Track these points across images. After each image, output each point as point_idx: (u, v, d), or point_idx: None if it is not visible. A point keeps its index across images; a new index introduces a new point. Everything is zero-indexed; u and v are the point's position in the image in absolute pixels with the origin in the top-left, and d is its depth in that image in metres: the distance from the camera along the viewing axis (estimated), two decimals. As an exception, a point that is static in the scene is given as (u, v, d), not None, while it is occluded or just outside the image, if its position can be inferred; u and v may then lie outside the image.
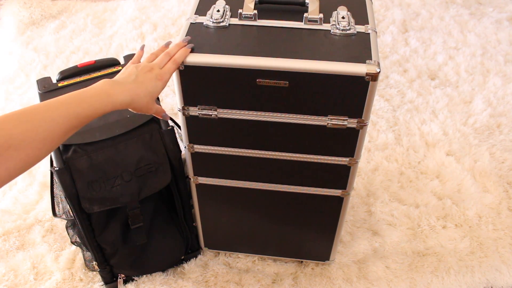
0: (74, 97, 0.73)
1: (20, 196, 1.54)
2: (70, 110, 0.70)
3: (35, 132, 0.66)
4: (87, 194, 1.02)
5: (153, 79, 0.84)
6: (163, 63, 0.87)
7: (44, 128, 0.67)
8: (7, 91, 1.95)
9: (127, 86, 0.80)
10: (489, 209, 1.48)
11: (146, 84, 0.82)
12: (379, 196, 1.52)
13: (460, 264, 1.34)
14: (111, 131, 1.05)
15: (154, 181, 1.08)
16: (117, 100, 0.77)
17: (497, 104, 1.83)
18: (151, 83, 0.83)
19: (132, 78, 0.82)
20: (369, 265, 1.34)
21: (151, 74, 0.84)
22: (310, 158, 1.03)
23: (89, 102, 0.73)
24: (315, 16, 0.95)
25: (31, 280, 1.31)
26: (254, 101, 0.94)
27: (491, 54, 2.07)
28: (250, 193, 1.14)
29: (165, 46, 0.92)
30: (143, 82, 0.82)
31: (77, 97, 0.73)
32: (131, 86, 0.80)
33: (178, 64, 0.88)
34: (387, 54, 2.09)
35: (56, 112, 0.69)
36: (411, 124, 1.75)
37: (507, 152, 1.65)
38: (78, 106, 0.72)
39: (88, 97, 0.74)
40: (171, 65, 0.87)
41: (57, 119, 0.68)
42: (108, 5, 2.43)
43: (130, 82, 0.81)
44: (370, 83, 0.86)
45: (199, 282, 1.31)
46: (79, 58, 2.11)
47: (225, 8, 0.98)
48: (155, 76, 0.84)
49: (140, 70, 0.83)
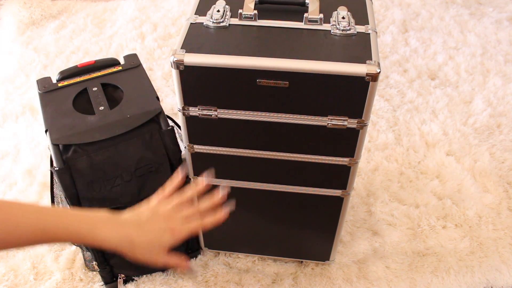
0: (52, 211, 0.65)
1: (20, 196, 1.54)
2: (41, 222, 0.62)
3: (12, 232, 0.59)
4: (87, 194, 1.02)
5: (162, 231, 0.70)
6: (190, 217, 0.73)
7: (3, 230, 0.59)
8: (7, 91, 1.95)
9: (125, 227, 0.68)
10: (489, 209, 1.48)
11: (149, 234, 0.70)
12: (379, 196, 1.52)
13: (460, 264, 1.34)
14: (111, 131, 1.05)
15: (154, 181, 1.07)
16: (99, 235, 0.66)
17: (497, 104, 1.83)
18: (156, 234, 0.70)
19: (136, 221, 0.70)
20: (369, 265, 1.34)
21: (164, 225, 0.71)
22: (310, 158, 1.03)
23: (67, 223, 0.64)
24: (315, 16, 0.95)
25: (31, 280, 1.31)
26: (254, 101, 0.94)
27: (491, 54, 2.07)
28: (250, 193, 1.14)
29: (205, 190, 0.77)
30: (148, 230, 0.70)
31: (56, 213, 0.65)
32: (128, 229, 0.68)
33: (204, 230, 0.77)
34: (387, 54, 2.08)
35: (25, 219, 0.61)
36: (411, 124, 1.75)
37: (507, 152, 1.65)
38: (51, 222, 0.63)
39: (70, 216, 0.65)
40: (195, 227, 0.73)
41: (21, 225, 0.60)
42: (108, 5, 2.43)
43: (129, 224, 0.69)
44: (370, 83, 0.86)
45: (199, 282, 1.31)
46: (79, 58, 2.11)
47: (225, 8, 0.98)
48: (168, 228, 0.71)
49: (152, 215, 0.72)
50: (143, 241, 0.69)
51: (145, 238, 0.69)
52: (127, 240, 0.68)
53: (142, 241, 0.69)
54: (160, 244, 0.70)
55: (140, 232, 0.69)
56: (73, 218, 0.65)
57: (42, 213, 0.63)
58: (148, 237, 0.69)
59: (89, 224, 0.66)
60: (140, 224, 0.70)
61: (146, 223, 0.70)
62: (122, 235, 0.68)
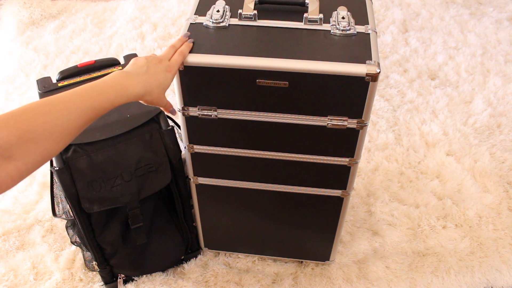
0: (90, 90, 0.72)
1: (20, 196, 1.54)
2: (87, 103, 0.70)
3: (54, 125, 0.65)
4: (87, 194, 1.02)
5: (163, 71, 0.83)
6: (170, 55, 0.87)
7: (62, 121, 0.67)
8: (7, 91, 1.95)
9: (141, 77, 0.80)
10: (489, 209, 1.48)
11: (157, 75, 0.82)
12: (379, 196, 1.52)
13: (460, 264, 1.34)
14: (111, 131, 1.05)
15: (154, 181, 1.07)
16: (132, 92, 0.78)
17: (497, 104, 1.83)
18: (161, 75, 0.83)
19: (144, 69, 0.81)
20: (369, 265, 1.34)
21: (161, 66, 0.84)
22: (310, 158, 1.03)
23: (105, 95, 0.73)
24: (315, 16, 0.95)
25: (31, 280, 1.31)
26: (254, 101, 0.94)
27: (491, 54, 2.07)
28: (250, 193, 1.14)
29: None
30: (154, 73, 0.82)
31: (93, 90, 0.73)
32: (144, 77, 0.80)
33: (185, 56, 0.88)
34: (387, 54, 2.08)
35: (74, 105, 0.69)
36: (411, 124, 1.75)
37: (507, 152, 1.65)
38: (95, 98, 0.72)
39: (104, 89, 0.74)
40: (178, 56, 0.87)
41: (75, 111, 0.68)
42: (108, 5, 2.43)
43: (143, 73, 0.81)
44: (370, 83, 0.86)
45: (199, 282, 1.31)
46: (79, 58, 2.11)
47: (225, 8, 0.98)
48: (164, 67, 0.84)
49: (150, 61, 0.83)
50: (155, 83, 0.82)
51: (156, 80, 0.82)
52: (148, 85, 0.80)
53: (155, 83, 0.82)
54: (165, 83, 0.84)
55: (152, 76, 0.81)
56: (108, 89, 0.74)
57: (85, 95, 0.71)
58: (158, 80, 0.82)
59: (120, 87, 0.76)
60: (147, 71, 0.81)
61: (150, 69, 0.82)
62: (144, 83, 0.80)
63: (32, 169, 0.64)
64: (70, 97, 0.69)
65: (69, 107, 0.68)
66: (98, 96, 0.72)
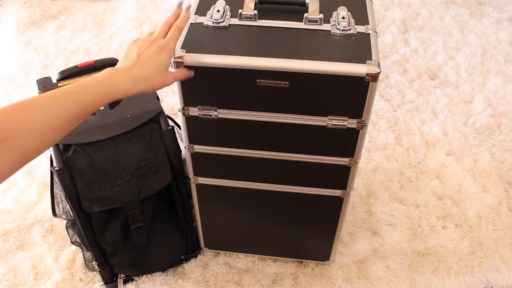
0: (77, 86, 0.71)
1: (20, 196, 1.54)
2: (71, 98, 0.69)
3: (33, 121, 0.64)
4: (87, 194, 1.02)
5: (157, 52, 0.80)
6: (165, 32, 0.84)
7: (42, 117, 0.65)
8: (7, 91, 1.95)
9: (131, 70, 0.77)
10: (489, 209, 1.48)
11: (150, 60, 0.79)
12: (379, 196, 1.52)
13: (460, 264, 1.34)
14: (111, 131, 1.05)
15: (154, 181, 1.07)
16: (121, 86, 0.75)
17: (497, 104, 1.83)
18: (155, 58, 0.79)
19: (134, 59, 0.79)
20: (369, 265, 1.34)
21: (153, 48, 0.80)
22: (310, 158, 1.03)
23: (92, 91, 0.72)
24: (315, 16, 0.95)
25: (31, 280, 1.31)
26: (254, 101, 0.94)
27: (491, 54, 2.07)
28: (250, 193, 1.14)
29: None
30: (146, 59, 0.79)
31: (80, 86, 0.71)
32: (135, 69, 0.78)
33: (181, 29, 0.85)
34: (387, 54, 2.08)
35: (54, 100, 0.67)
36: (411, 124, 1.75)
37: (507, 152, 1.65)
38: (81, 94, 0.70)
39: (90, 84, 0.72)
40: (173, 31, 0.84)
41: (57, 107, 0.67)
42: (108, 5, 2.43)
43: (133, 65, 0.78)
44: (370, 83, 0.86)
45: (199, 282, 1.31)
46: (79, 58, 2.11)
47: (225, 8, 0.98)
48: (158, 47, 0.80)
49: (140, 47, 0.80)
50: (150, 70, 0.79)
51: (149, 67, 0.79)
52: (141, 77, 0.78)
53: (150, 71, 0.79)
54: (162, 64, 0.80)
55: (143, 65, 0.78)
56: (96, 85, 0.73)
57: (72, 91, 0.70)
58: (151, 64, 0.79)
59: (107, 81, 0.74)
60: (138, 60, 0.79)
61: (140, 57, 0.79)
62: (135, 76, 0.77)
63: (13, 168, 0.63)
64: (54, 94, 0.68)
65: (50, 102, 0.67)
66: (85, 92, 0.71)
